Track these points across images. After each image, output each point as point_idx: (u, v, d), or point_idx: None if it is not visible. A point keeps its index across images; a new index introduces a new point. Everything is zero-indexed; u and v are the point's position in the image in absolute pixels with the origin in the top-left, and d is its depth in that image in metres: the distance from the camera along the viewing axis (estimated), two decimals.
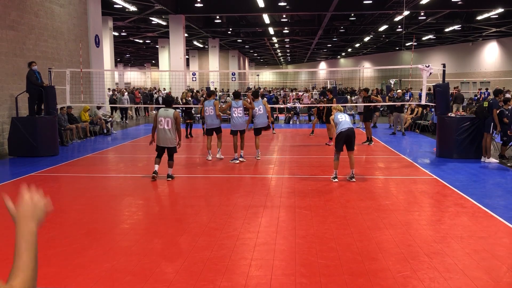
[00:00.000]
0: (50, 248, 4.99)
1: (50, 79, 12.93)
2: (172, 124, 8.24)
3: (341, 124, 8.39)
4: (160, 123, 8.24)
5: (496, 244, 5.12)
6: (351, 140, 8.40)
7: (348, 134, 8.34)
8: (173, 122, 8.25)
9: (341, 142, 8.39)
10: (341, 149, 8.47)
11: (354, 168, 8.53)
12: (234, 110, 10.39)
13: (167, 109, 8.35)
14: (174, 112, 8.27)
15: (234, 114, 10.39)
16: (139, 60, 67.31)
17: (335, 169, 8.49)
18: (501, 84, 34.46)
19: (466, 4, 24.96)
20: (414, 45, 41.59)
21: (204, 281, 4.19)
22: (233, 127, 10.53)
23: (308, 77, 67.46)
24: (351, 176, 8.48)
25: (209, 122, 10.72)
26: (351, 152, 8.51)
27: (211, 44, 40.75)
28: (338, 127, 8.43)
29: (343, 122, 8.41)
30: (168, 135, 8.25)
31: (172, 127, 8.26)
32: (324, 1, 24.59)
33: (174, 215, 6.43)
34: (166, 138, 8.27)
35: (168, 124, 8.21)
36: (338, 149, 8.45)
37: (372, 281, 4.15)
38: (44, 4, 14.08)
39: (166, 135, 8.25)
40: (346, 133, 8.32)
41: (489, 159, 10.46)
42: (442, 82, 11.51)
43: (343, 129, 8.33)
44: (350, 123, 8.52)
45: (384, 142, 14.23)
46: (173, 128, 8.28)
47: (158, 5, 23.67)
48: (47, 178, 9.02)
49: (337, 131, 8.43)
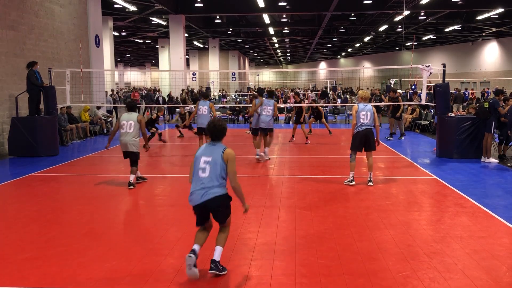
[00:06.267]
0: (50, 248, 4.99)
1: (50, 79, 12.94)
2: (134, 128, 7.94)
3: (359, 123, 7.91)
4: (123, 127, 7.97)
5: (496, 244, 5.12)
6: (369, 140, 7.95)
7: (365, 134, 7.95)
8: (137, 126, 7.97)
9: (357, 142, 7.97)
10: (359, 149, 8.04)
11: (372, 171, 8.19)
12: (264, 108, 10.50)
13: (131, 113, 8.11)
14: (137, 116, 8.05)
15: (264, 112, 10.49)
16: (139, 60, 67.34)
17: (351, 171, 8.08)
18: (501, 84, 34.45)
19: (466, 4, 24.97)
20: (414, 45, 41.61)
21: (204, 281, 4.18)
22: (261, 124, 10.56)
23: (308, 77, 67.48)
24: (369, 180, 8.10)
25: (200, 121, 10.79)
26: (369, 153, 8.07)
27: (211, 44, 40.77)
28: (357, 125, 7.96)
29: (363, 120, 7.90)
30: (129, 139, 7.93)
31: (135, 131, 7.96)
32: (324, 1, 24.60)
33: (174, 215, 6.43)
34: (127, 141, 7.94)
35: (130, 128, 7.94)
36: (355, 149, 8.05)
37: (372, 281, 4.15)
38: (44, 4, 14.08)
39: (126, 138, 7.94)
40: (364, 133, 7.94)
41: (489, 159, 10.46)
42: (442, 82, 11.51)
43: (361, 129, 7.94)
44: (371, 122, 7.97)
45: (384, 142, 14.23)
46: (136, 131, 7.99)
47: (158, 5, 23.68)
48: (47, 178, 9.02)
49: (355, 130, 8.00)
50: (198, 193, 4.16)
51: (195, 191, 4.19)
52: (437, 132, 11.62)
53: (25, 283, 4.17)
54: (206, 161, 4.18)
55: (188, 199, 4.28)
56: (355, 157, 8.11)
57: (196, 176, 4.22)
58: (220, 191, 4.17)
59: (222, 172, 4.17)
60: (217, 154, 4.19)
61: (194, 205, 4.23)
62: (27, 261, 4.63)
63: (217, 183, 4.15)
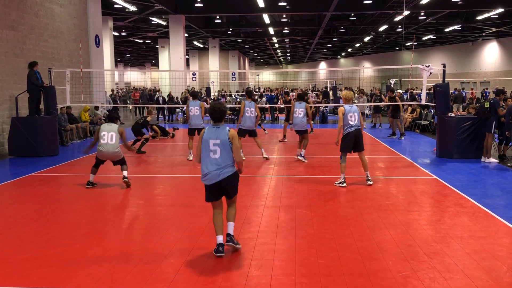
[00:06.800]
0: (50, 248, 4.99)
1: (50, 79, 12.94)
2: (115, 139, 8.00)
3: (349, 124, 7.90)
4: (103, 138, 7.96)
5: (496, 244, 5.12)
6: (359, 140, 7.97)
7: (355, 135, 7.95)
8: (118, 137, 8.04)
9: (348, 143, 7.94)
10: (349, 151, 8.05)
11: (368, 169, 8.20)
12: (296, 110, 10.73)
13: (111, 124, 8.14)
14: (118, 128, 8.12)
15: (295, 115, 10.73)
16: (139, 60, 67.34)
17: (342, 172, 8.02)
18: (501, 84, 34.45)
19: (466, 4, 24.97)
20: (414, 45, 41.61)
21: (204, 281, 4.19)
22: (294, 126, 10.86)
23: (308, 77, 67.48)
24: (367, 179, 8.11)
25: (193, 123, 10.75)
26: (361, 153, 8.10)
27: (211, 44, 40.77)
28: (345, 126, 7.96)
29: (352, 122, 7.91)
30: (111, 150, 7.96)
31: (117, 142, 8.02)
32: (324, 1, 24.60)
33: (174, 215, 6.43)
34: (110, 152, 7.99)
35: (111, 139, 7.97)
36: (346, 150, 8.03)
37: (372, 281, 4.15)
38: (44, 4, 14.08)
39: (109, 149, 7.96)
40: (354, 134, 7.93)
41: (489, 159, 10.46)
42: (442, 82, 11.51)
43: (351, 130, 7.92)
44: (358, 122, 7.99)
45: (384, 142, 14.23)
46: (117, 142, 8.04)
47: (158, 5, 23.69)
48: (47, 178, 9.02)
49: (344, 132, 7.98)
50: (214, 173, 4.71)
51: (210, 172, 4.72)
52: (437, 132, 11.62)
53: (25, 283, 4.17)
54: (216, 144, 4.72)
55: (202, 179, 4.82)
56: (345, 158, 8.09)
57: (208, 158, 4.75)
58: (232, 170, 4.80)
59: (230, 152, 4.74)
60: (224, 136, 4.73)
61: (210, 183, 4.76)
62: (27, 261, 4.63)
63: (229, 162, 4.76)
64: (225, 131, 4.73)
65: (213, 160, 4.73)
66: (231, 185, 4.82)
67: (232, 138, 4.74)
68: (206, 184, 4.82)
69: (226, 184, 4.77)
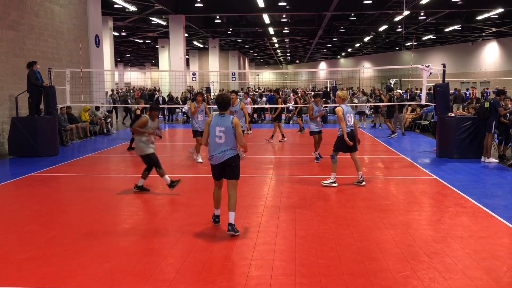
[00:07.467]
0: (50, 248, 5.00)
1: (50, 79, 12.94)
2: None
3: (346, 125, 7.88)
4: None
5: (496, 244, 5.12)
6: (354, 141, 7.96)
7: (353, 136, 7.95)
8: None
9: (344, 143, 7.88)
10: (343, 151, 8.06)
11: (361, 170, 8.17)
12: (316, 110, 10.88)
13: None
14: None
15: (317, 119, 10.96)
16: (139, 60, 67.37)
17: (334, 172, 8.04)
18: (501, 84, 34.45)
19: (466, 4, 24.97)
20: (414, 45, 41.64)
21: (204, 281, 4.19)
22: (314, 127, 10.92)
23: (308, 77, 67.47)
24: (359, 181, 8.08)
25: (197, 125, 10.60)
26: (354, 153, 8.09)
27: (211, 44, 40.77)
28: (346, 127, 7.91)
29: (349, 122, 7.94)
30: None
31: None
32: (324, 1, 24.60)
33: (174, 215, 6.43)
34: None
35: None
36: (340, 150, 8.04)
37: (372, 281, 4.15)
38: (44, 4, 14.08)
39: None
40: (351, 135, 7.93)
41: (489, 159, 10.46)
42: (442, 82, 11.51)
43: (348, 130, 7.91)
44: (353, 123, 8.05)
45: (384, 142, 14.24)
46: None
47: (158, 5, 23.69)
48: (47, 178, 9.02)
49: (342, 132, 7.94)
50: (218, 155, 5.46)
51: (215, 155, 5.48)
52: (437, 132, 11.62)
53: (25, 283, 4.17)
54: (221, 130, 5.46)
55: (209, 159, 5.59)
56: (336, 157, 8.08)
57: (214, 142, 5.50)
58: (234, 153, 5.51)
59: (234, 137, 5.46)
60: (228, 123, 5.46)
61: (215, 164, 5.51)
62: (27, 261, 4.63)
63: (231, 146, 5.47)
64: (229, 119, 5.46)
65: (218, 145, 5.47)
66: (231, 165, 5.49)
67: (236, 125, 5.44)
68: (212, 164, 5.56)
69: (227, 163, 5.47)
